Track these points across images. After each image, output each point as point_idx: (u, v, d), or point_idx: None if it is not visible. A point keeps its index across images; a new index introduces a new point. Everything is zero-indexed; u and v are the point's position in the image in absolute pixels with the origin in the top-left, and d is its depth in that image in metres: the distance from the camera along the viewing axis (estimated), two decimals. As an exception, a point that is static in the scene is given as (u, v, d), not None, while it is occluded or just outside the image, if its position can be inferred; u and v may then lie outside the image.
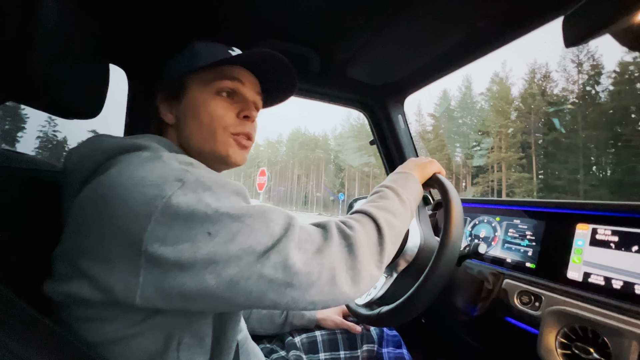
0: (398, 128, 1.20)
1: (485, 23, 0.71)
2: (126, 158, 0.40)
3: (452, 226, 0.55)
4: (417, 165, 0.65)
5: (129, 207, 0.35)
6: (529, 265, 0.73)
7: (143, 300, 0.35)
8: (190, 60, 0.54)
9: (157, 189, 0.36)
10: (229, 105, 0.54)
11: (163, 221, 0.35)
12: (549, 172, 31.28)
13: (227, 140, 0.54)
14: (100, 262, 0.36)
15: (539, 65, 35.71)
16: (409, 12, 0.71)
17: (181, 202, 0.35)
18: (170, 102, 0.56)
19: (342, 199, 50.98)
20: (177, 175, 0.38)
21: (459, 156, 40.77)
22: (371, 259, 0.44)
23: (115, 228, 0.35)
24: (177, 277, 0.34)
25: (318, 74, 1.04)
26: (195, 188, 0.37)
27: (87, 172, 0.41)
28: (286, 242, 0.38)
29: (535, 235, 0.75)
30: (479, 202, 0.95)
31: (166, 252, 0.34)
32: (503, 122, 34.16)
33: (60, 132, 60.94)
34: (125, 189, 0.36)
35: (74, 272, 0.37)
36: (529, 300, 0.66)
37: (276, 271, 0.36)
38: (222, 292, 0.35)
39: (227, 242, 0.36)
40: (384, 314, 0.62)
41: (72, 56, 0.50)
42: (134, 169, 0.38)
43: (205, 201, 0.37)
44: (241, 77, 0.56)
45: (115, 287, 0.35)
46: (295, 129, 71.55)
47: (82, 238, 0.37)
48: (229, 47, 0.58)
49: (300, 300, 0.37)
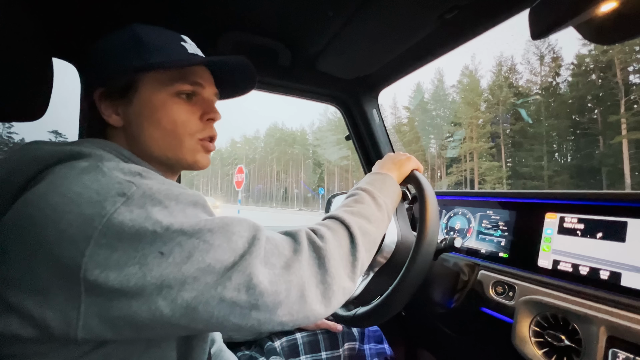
0: (373, 122, 1.19)
1: (453, 15, 0.70)
2: (61, 170, 0.36)
3: (427, 227, 0.55)
4: (394, 163, 0.63)
5: (62, 230, 0.31)
6: (502, 255, 0.75)
7: (86, 334, 0.31)
8: (138, 53, 0.46)
9: (97, 207, 0.31)
10: (191, 108, 0.49)
11: (104, 243, 0.31)
12: (517, 160, 33.01)
13: (194, 146, 0.50)
14: (31, 294, 0.31)
15: (505, 58, 37.39)
16: (376, 4, 0.69)
17: (125, 220, 0.31)
18: (114, 101, 0.47)
19: (322, 194, 51.15)
20: (120, 189, 0.33)
21: (434, 147, 42.06)
22: (343, 270, 0.41)
23: (46, 254, 0.31)
24: (124, 306, 0.31)
25: (288, 68, 1.00)
26: (142, 203, 0.33)
27: (16, 188, 0.36)
28: (250, 259, 0.34)
29: (507, 225, 0.76)
30: (453, 194, 0.96)
31: (110, 278, 0.30)
32: (473, 114, 35.52)
33: (17, 134, 56.38)
34: (57, 208, 0.32)
35: (0, 306, 0.32)
36: (503, 290, 0.67)
37: (239, 293, 0.33)
38: (178, 319, 0.32)
39: (182, 263, 0.32)
40: (360, 316, 0.61)
41: (9, 53, 0.45)
42: (68, 184, 0.33)
43: (155, 217, 0.33)
44: (202, 79, 0.50)
45: (51, 322, 0.31)
46: (273, 125, 70.61)
47: (7, 266, 0.32)
48: (179, 36, 0.51)
49: (266, 322, 0.35)
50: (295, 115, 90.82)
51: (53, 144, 0.41)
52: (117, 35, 0.48)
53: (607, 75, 27.33)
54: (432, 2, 0.68)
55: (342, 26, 0.79)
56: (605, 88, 27.80)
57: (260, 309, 0.34)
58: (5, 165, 0.39)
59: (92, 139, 0.45)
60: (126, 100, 0.47)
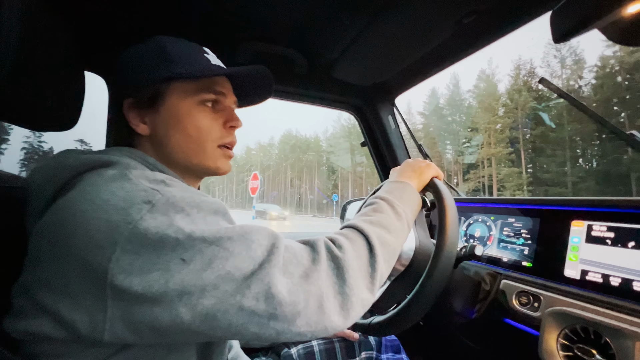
0: (388, 129, 1.18)
1: (472, 20, 0.70)
2: (90, 177, 0.37)
3: (447, 234, 0.54)
4: (414, 171, 0.62)
5: (90, 235, 0.32)
6: (525, 264, 0.72)
7: (111, 336, 0.32)
8: (165, 64, 0.48)
9: (123, 214, 0.33)
10: (214, 116, 0.51)
11: (129, 249, 0.32)
12: (538, 166, 31.87)
13: (215, 152, 0.51)
14: (62, 297, 0.33)
15: (524, 62, 36.49)
16: (393, 11, 0.70)
17: (150, 226, 0.32)
18: (142, 110, 0.49)
19: (336, 200, 51.00)
20: (145, 196, 0.34)
21: (450, 153, 41.26)
22: (362, 281, 0.40)
23: (76, 258, 0.32)
24: (147, 311, 0.32)
25: (304, 76, 1.02)
26: (165, 210, 0.34)
27: (50, 194, 0.38)
28: (269, 267, 0.35)
29: (530, 233, 0.74)
30: (472, 201, 0.94)
31: (134, 283, 0.31)
32: (491, 118, 34.72)
33: (47, 143, 59.62)
34: (86, 214, 0.33)
35: (33, 308, 0.34)
36: (528, 300, 0.65)
37: (258, 302, 0.33)
38: (197, 326, 0.32)
39: (203, 270, 0.32)
40: (378, 324, 0.60)
41: (41, 64, 0.47)
42: (96, 191, 0.35)
43: (178, 225, 0.33)
44: (224, 89, 0.52)
45: (80, 324, 0.32)
46: (287, 132, 71.44)
47: (38, 269, 0.35)
48: (202, 48, 0.53)
49: (285, 332, 0.34)
50: (309, 122, 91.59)
51: (83, 153, 0.44)
52: (143, 48, 0.50)
53: (635, 77, 26.14)
54: (450, 8, 0.68)
55: (358, 34, 0.80)
56: (633, 90, 26.57)
57: (279, 318, 0.34)
58: (40, 173, 0.41)
59: (119, 147, 0.48)
60: (153, 110, 0.49)
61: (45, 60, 0.48)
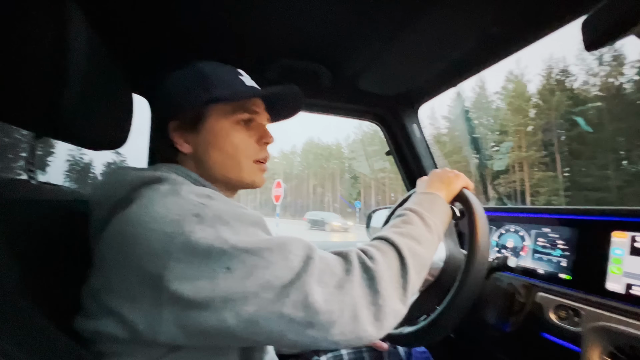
0: (413, 137, 1.18)
1: (499, 29, 0.69)
2: (147, 192, 0.41)
3: (478, 245, 0.53)
4: (442, 182, 0.62)
5: (149, 245, 0.36)
6: (563, 276, 0.69)
7: (165, 337, 0.35)
8: (205, 88, 0.52)
9: (176, 226, 0.36)
10: (249, 133, 0.55)
11: (182, 258, 0.35)
12: (575, 170, 29.80)
13: (251, 167, 0.55)
14: (124, 300, 0.36)
15: (556, 60, 34.63)
16: (418, 22, 0.71)
17: (199, 237, 0.36)
18: (185, 131, 0.54)
19: (358, 207, 50.46)
20: (195, 210, 0.38)
21: (477, 158, 39.69)
22: (394, 293, 0.41)
23: (137, 265, 0.36)
24: (197, 315, 0.35)
25: (329, 89, 1.05)
26: (212, 223, 0.37)
27: (111, 206, 0.43)
28: (306, 277, 0.37)
29: (568, 244, 0.71)
30: (504, 210, 0.92)
31: (185, 289, 0.34)
32: (521, 121, 33.09)
33: (86, 155, 64.21)
34: (146, 226, 0.37)
35: (100, 309, 0.38)
36: (567, 314, 0.62)
37: (297, 310, 0.35)
38: (241, 331, 0.35)
39: (245, 278, 0.35)
40: (408, 335, 0.60)
41: (99, 90, 0.52)
42: (154, 205, 0.39)
43: (223, 236, 0.36)
44: (258, 108, 0.56)
45: (139, 325, 0.35)
46: (309, 139, 72.14)
47: (105, 275, 0.39)
48: (236, 71, 0.57)
49: (321, 340, 0.36)
50: (331, 129, 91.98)
51: (137, 170, 0.49)
52: (184, 73, 0.55)
53: (685, 71, 23.90)
54: (476, 17, 0.68)
55: (383, 46, 0.82)
56: (683, 86, 24.29)
57: (315, 327, 0.35)
58: (102, 189, 0.47)
59: (166, 164, 0.53)
60: (195, 130, 0.53)
61: (101, 88, 0.54)
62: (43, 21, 0.41)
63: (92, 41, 0.49)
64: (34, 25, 0.41)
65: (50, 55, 0.42)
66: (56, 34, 0.42)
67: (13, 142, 36.88)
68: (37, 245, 0.43)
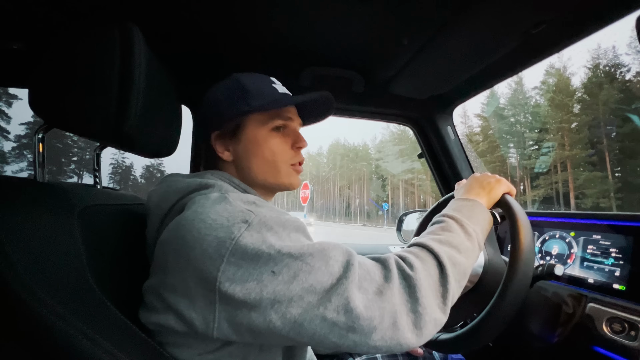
0: (448, 140, 1.16)
1: (541, 30, 0.67)
2: (197, 199, 0.45)
3: (522, 251, 0.52)
4: (483, 187, 0.60)
5: (204, 249, 0.38)
6: (617, 287, 0.65)
7: (219, 334, 0.38)
8: (245, 100, 0.55)
9: (227, 231, 0.38)
10: (284, 139, 0.58)
11: (233, 261, 0.37)
12: (629, 169, 27.09)
13: (288, 171, 0.58)
14: (182, 298, 0.39)
15: (604, 50, 31.75)
16: (455, 28, 0.70)
17: (248, 242, 0.38)
18: (225, 140, 0.57)
19: (386, 209, 49.55)
20: (243, 216, 0.40)
21: (514, 157, 37.40)
22: (434, 301, 0.41)
23: (193, 267, 0.38)
24: (246, 315, 0.37)
25: (361, 94, 1.06)
26: (259, 228, 0.39)
27: (165, 211, 0.47)
28: (347, 283, 0.38)
29: (622, 253, 0.66)
30: (546, 215, 0.87)
31: (236, 290, 0.37)
32: (564, 117, 30.70)
33: (128, 159, 69.00)
34: (200, 231, 0.39)
35: (162, 305, 0.42)
36: (622, 328, 0.58)
37: (339, 314, 0.36)
38: (287, 332, 0.37)
39: (289, 282, 0.37)
40: (446, 340, 0.59)
41: (157, 103, 0.57)
42: (207, 212, 0.41)
43: (269, 241, 0.38)
44: (291, 114, 0.59)
45: (196, 321, 0.38)
46: (335, 141, 72.16)
47: (166, 275, 0.42)
48: (270, 79, 0.60)
49: (362, 344, 0.37)
50: (357, 130, 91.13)
51: (186, 177, 0.53)
52: (225, 86, 0.59)
53: None
54: (518, 19, 0.66)
55: (417, 51, 0.81)
56: None
57: (357, 331, 0.37)
58: (156, 194, 0.51)
59: (212, 171, 0.56)
60: (236, 139, 0.57)
61: (158, 101, 0.59)
62: (111, 44, 0.47)
63: (151, 59, 0.54)
64: (103, 46, 0.46)
65: (117, 74, 0.47)
66: (122, 54, 0.47)
67: (64, 149, 40.34)
68: (108, 244, 0.49)
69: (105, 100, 0.46)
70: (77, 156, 51.50)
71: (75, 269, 0.40)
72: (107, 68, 0.46)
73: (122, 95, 0.47)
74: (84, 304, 0.39)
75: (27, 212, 0.39)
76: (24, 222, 0.38)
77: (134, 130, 0.49)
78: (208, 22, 0.77)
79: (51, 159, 39.22)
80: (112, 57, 0.46)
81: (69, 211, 0.43)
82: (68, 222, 0.42)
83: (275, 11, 0.72)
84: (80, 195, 0.49)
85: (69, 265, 0.39)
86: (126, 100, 0.47)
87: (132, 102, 0.47)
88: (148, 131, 0.56)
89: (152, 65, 0.54)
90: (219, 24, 0.77)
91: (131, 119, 0.48)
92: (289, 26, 0.77)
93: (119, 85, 0.47)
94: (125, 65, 0.47)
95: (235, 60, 0.93)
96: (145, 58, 0.50)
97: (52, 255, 0.38)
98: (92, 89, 0.46)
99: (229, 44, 0.85)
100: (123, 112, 0.47)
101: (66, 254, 0.40)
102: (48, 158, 0.53)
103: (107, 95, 0.46)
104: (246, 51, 0.89)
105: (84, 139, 0.73)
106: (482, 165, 4.74)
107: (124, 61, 0.47)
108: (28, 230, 0.38)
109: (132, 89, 0.47)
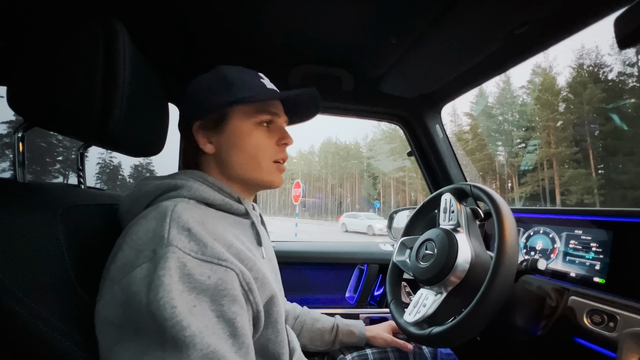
0: (436, 138, 1.17)
1: (525, 30, 0.68)
2: (161, 204, 0.45)
3: (506, 244, 0.53)
4: None
5: (117, 265, 0.40)
6: (597, 280, 0.67)
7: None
8: (228, 90, 0.54)
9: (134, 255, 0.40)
10: (269, 134, 0.57)
11: (116, 289, 0.39)
12: (611, 167, 27.96)
13: (270, 167, 0.57)
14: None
15: (588, 50, 32.61)
16: (443, 27, 0.71)
17: (136, 279, 0.38)
18: (208, 131, 0.55)
19: (377, 207, 49.87)
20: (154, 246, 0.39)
21: (502, 155, 38.13)
22: None
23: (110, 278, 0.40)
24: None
25: (351, 92, 1.06)
26: (155, 268, 0.37)
27: (135, 216, 0.47)
28: None
29: (602, 246, 0.69)
30: (531, 211, 0.90)
31: (109, 315, 0.39)
32: (550, 115, 31.45)
33: (116, 158, 67.55)
34: (126, 243, 0.41)
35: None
36: (602, 320, 0.60)
37: None
38: None
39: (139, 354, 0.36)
40: (434, 335, 0.60)
41: (142, 101, 0.56)
42: (139, 224, 0.43)
43: (152, 290, 0.36)
44: (278, 110, 0.59)
45: None
46: (327, 139, 72.15)
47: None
48: (258, 74, 0.59)
49: None
50: (348, 128, 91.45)
51: (158, 179, 0.53)
52: (208, 77, 0.58)
53: None
54: (502, 20, 0.67)
55: (406, 50, 0.82)
56: None
57: None
58: (127, 200, 0.51)
59: (186, 171, 0.55)
60: (219, 130, 0.55)
61: (144, 98, 0.57)
62: (94, 39, 0.45)
63: (136, 56, 0.53)
64: (86, 43, 0.45)
65: (101, 71, 0.45)
66: (105, 50, 0.45)
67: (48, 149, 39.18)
68: (91, 245, 0.48)
69: (88, 98, 0.45)
70: (62, 156, 50.26)
71: (58, 270, 0.39)
72: (91, 65, 0.45)
73: (106, 92, 0.46)
74: (66, 305, 0.38)
75: (6, 213, 0.38)
76: (2, 222, 0.37)
77: (118, 128, 0.48)
78: (195, 19, 0.76)
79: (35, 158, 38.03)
80: (95, 54, 0.45)
81: (51, 212, 0.42)
82: (50, 222, 0.41)
83: (264, 9, 0.71)
84: (62, 196, 0.48)
85: (51, 267, 0.39)
86: (110, 98, 0.46)
87: (116, 100, 0.46)
88: (133, 130, 0.55)
89: (138, 62, 0.53)
90: (207, 21, 0.76)
91: (115, 117, 0.47)
92: (277, 24, 0.77)
93: (103, 82, 0.45)
94: (110, 62, 0.46)
95: (223, 57, 0.92)
96: (130, 55, 0.49)
97: (33, 257, 0.38)
98: (74, 86, 0.45)
99: (217, 41, 0.84)
100: (107, 110, 0.46)
101: (48, 255, 0.39)
102: (32, 158, 0.52)
103: (90, 93, 0.45)
104: (235, 48, 0.88)
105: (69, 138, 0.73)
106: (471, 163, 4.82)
107: (108, 57, 0.46)
108: (7, 231, 0.37)
109: (117, 87, 0.46)
